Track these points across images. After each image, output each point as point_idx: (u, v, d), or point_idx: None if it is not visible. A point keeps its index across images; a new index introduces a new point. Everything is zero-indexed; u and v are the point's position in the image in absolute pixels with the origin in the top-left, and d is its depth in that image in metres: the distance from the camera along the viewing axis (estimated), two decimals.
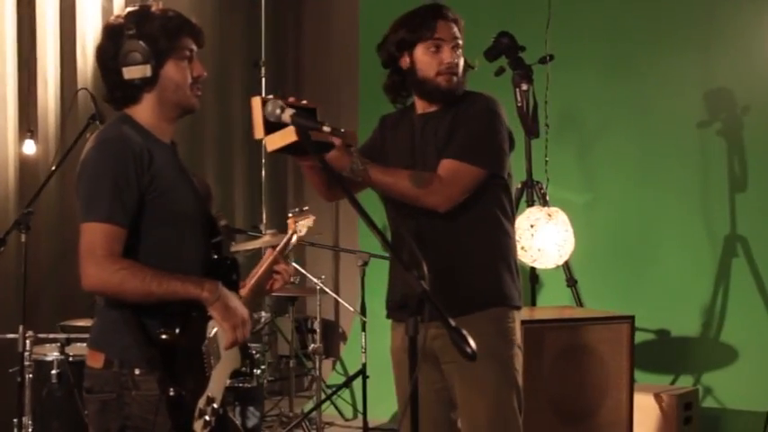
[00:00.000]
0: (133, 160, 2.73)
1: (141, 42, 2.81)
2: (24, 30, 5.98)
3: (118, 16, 2.90)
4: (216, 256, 2.98)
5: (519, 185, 5.42)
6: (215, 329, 2.85)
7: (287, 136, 2.96)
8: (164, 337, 2.71)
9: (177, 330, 2.72)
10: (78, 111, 5.57)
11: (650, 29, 6.26)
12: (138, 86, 2.84)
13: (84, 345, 4.94)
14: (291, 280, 4.35)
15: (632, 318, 4.57)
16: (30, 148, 5.61)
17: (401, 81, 3.52)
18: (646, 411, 5.07)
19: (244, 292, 3.06)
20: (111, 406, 2.77)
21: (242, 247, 5.75)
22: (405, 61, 3.48)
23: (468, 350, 2.28)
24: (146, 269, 2.71)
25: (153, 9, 2.87)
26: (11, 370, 4.69)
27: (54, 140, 6.12)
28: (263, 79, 7.57)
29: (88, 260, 2.69)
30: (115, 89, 2.88)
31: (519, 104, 5.26)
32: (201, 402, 2.79)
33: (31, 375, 4.62)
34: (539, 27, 5.55)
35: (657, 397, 5.19)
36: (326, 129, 2.83)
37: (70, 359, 4.69)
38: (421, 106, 3.53)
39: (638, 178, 6.30)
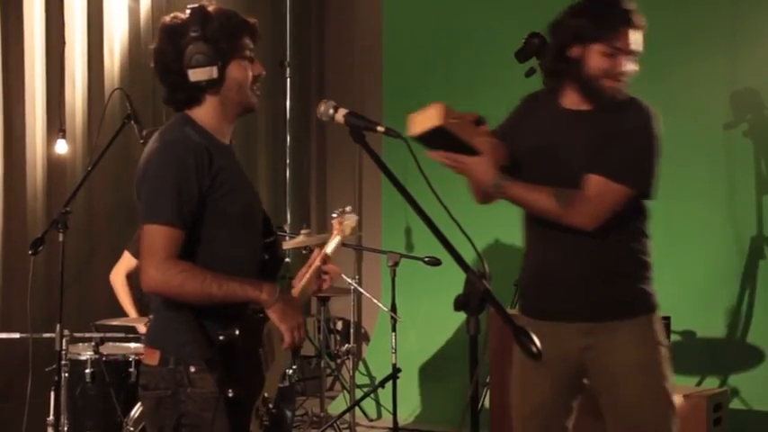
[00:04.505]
0: (195, 163, 2.75)
1: (206, 44, 2.81)
2: (53, 30, 6.01)
3: (175, 17, 2.89)
4: (267, 257, 3.00)
5: None
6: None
7: (430, 119, 3.02)
8: (222, 338, 2.74)
9: (237, 332, 2.74)
10: (107, 111, 5.58)
11: (676, 29, 6.24)
12: (202, 88, 2.85)
13: (117, 344, 5.01)
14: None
15: (668, 318, 4.56)
16: (62, 147, 5.63)
17: (565, 69, 3.32)
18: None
19: (294, 292, 3.06)
20: (166, 403, 2.79)
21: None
22: (575, 51, 3.29)
23: (534, 350, 2.28)
24: (205, 271, 2.73)
25: (210, 9, 2.87)
26: (47, 369, 4.71)
27: (82, 140, 6.15)
28: (288, 79, 7.58)
29: (149, 262, 2.72)
30: (178, 91, 2.88)
31: None
32: (258, 403, 2.81)
33: (66, 374, 4.64)
34: None
35: (687, 398, 5.18)
36: (381, 128, 2.83)
37: (104, 359, 4.71)
38: (572, 101, 3.37)
39: (664, 180, 6.24)
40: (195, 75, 2.82)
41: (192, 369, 2.77)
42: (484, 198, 3.50)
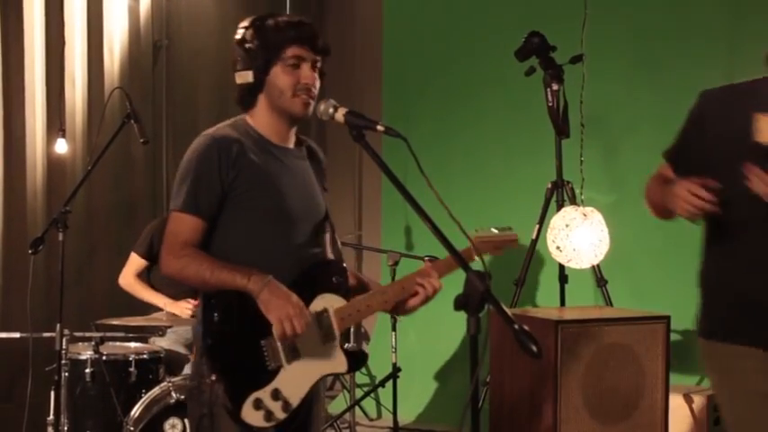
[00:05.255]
0: (218, 157, 2.88)
1: (243, 49, 2.97)
2: (52, 30, 6.02)
3: (246, 23, 3.05)
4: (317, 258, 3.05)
5: (549, 185, 5.42)
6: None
7: None
8: (209, 326, 2.84)
9: (214, 316, 2.84)
10: (106, 110, 5.58)
11: (677, 29, 6.24)
12: (247, 90, 2.99)
13: (117, 344, 5.01)
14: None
15: (668, 318, 4.56)
16: (61, 147, 5.63)
17: None
18: (675, 412, 5.05)
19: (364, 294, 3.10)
20: (194, 394, 2.91)
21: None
22: None
23: (535, 349, 2.28)
24: (205, 258, 2.86)
25: (268, 21, 2.99)
26: (47, 368, 4.70)
27: (82, 140, 6.16)
28: None
29: (164, 245, 2.91)
30: (235, 92, 3.04)
31: (550, 104, 5.27)
32: (262, 394, 2.83)
33: (66, 374, 4.63)
34: (569, 27, 5.55)
35: (687, 397, 5.19)
36: (381, 127, 2.82)
37: (104, 358, 4.71)
38: None
39: None
40: (237, 77, 3.00)
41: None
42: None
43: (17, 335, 4.96)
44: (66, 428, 4.63)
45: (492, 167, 6.82)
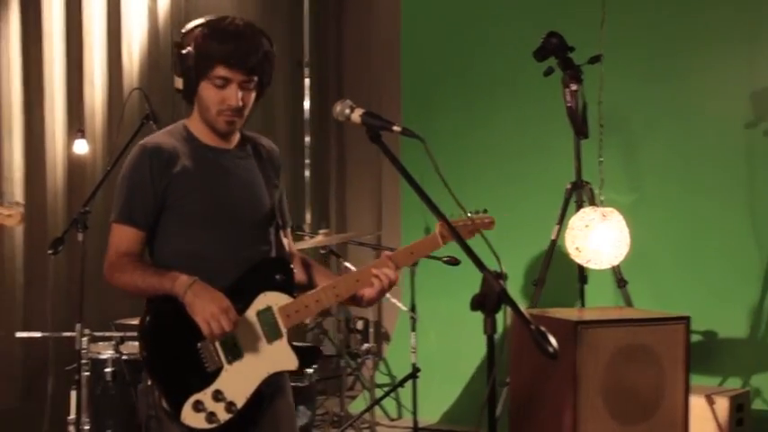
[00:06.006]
0: (149, 166, 2.92)
1: (178, 56, 2.96)
2: (72, 31, 6.04)
3: (191, 26, 3.00)
4: (259, 257, 3.05)
5: (569, 186, 5.40)
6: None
7: None
8: (143, 331, 2.90)
9: (146, 321, 2.89)
10: (126, 110, 5.59)
11: (695, 28, 6.22)
12: (182, 93, 3.01)
13: (137, 343, 5.02)
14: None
15: (688, 318, 4.54)
16: (81, 147, 5.65)
17: None
18: (697, 413, 5.03)
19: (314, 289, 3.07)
20: (142, 395, 2.95)
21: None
22: None
23: (551, 350, 2.27)
24: (137, 266, 2.90)
25: (204, 33, 2.93)
26: (67, 368, 4.73)
27: (102, 140, 6.18)
28: (308, 79, 7.59)
29: (105, 257, 2.96)
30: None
31: (569, 105, 5.25)
32: (202, 396, 2.85)
33: (86, 373, 4.66)
34: (587, 27, 5.53)
35: (709, 398, 5.16)
36: (397, 128, 2.83)
37: (124, 358, 4.73)
38: None
39: (684, 179, 6.26)
40: (176, 81, 3.01)
41: None
42: None
43: (38, 334, 4.98)
44: (86, 428, 4.65)
45: (510, 167, 6.81)
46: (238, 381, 2.90)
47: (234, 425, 2.88)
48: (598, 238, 4.93)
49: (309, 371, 5.14)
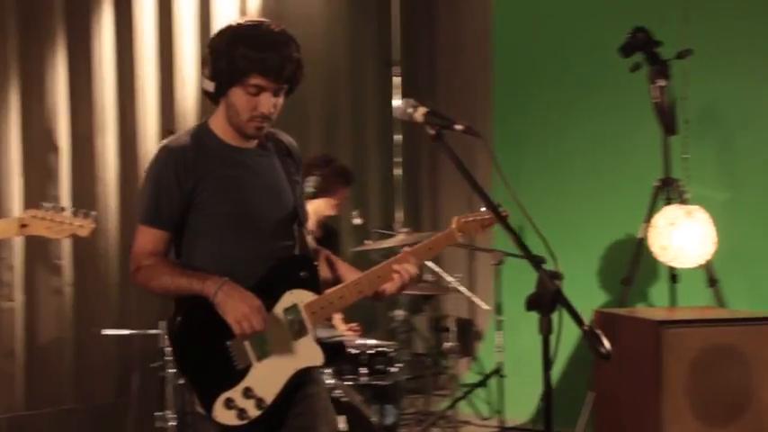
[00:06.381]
0: (174, 168, 2.94)
1: (211, 59, 2.96)
2: (164, 31, 6.16)
3: (225, 29, 3.01)
4: (284, 255, 3.09)
5: (658, 183, 5.31)
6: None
7: None
8: (173, 331, 2.95)
9: (177, 321, 2.93)
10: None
11: None
12: (209, 96, 3.03)
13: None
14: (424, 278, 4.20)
15: None
16: None
17: None
18: None
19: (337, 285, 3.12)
20: (178, 392, 3.01)
21: (373, 246, 5.77)
22: None
23: (603, 350, 2.25)
24: (164, 266, 2.95)
25: (240, 40, 2.91)
26: (153, 365, 4.83)
27: None
28: (398, 78, 7.59)
29: (130, 259, 3.01)
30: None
31: (657, 101, 5.17)
32: (233, 394, 2.89)
33: (171, 371, 4.74)
34: (674, 22, 5.43)
35: None
36: (459, 127, 2.82)
37: None
38: None
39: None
40: (203, 81, 3.02)
41: None
42: None
43: (125, 332, 5.08)
44: (173, 424, 4.73)
45: (601, 165, 6.71)
46: (267, 377, 2.95)
47: (264, 420, 2.93)
48: (683, 236, 4.85)
49: (393, 369, 5.14)
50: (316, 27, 7.18)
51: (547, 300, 2.41)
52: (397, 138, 7.40)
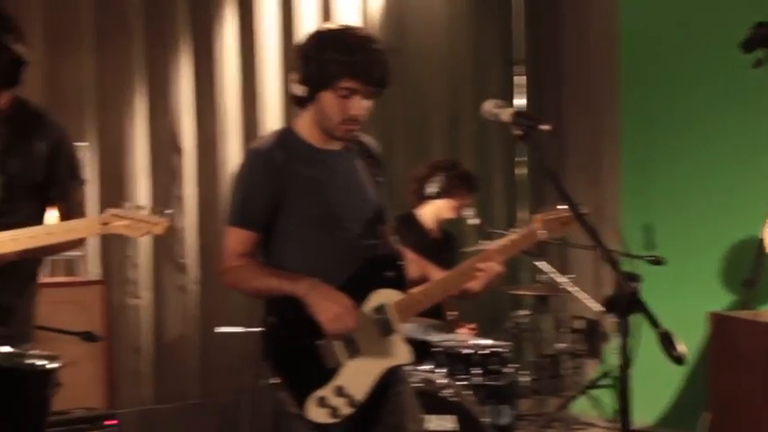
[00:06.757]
0: (264, 170, 3.01)
1: (302, 64, 3.00)
2: (285, 32, 6.26)
3: (315, 33, 3.06)
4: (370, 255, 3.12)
5: None
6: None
7: None
8: (268, 331, 3.02)
9: (269, 321, 3.02)
10: None
11: None
12: (298, 100, 3.07)
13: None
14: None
15: None
16: None
17: None
18: None
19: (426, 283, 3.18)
20: (269, 393, 3.23)
21: (483, 246, 5.74)
22: None
23: (676, 354, 2.22)
24: (255, 268, 3.01)
25: (331, 44, 2.96)
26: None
27: None
28: (522, 77, 7.55)
29: (221, 260, 3.08)
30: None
31: None
32: (325, 392, 2.94)
33: None
34: None
35: None
36: (545, 126, 2.81)
37: None
38: None
39: None
40: (292, 85, 3.06)
41: None
42: None
43: (238, 329, 5.18)
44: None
45: (724, 161, 6.54)
46: (358, 376, 3.00)
47: (355, 418, 2.98)
48: None
49: (507, 370, 5.11)
50: (438, 26, 7.21)
51: (624, 302, 2.36)
52: None
